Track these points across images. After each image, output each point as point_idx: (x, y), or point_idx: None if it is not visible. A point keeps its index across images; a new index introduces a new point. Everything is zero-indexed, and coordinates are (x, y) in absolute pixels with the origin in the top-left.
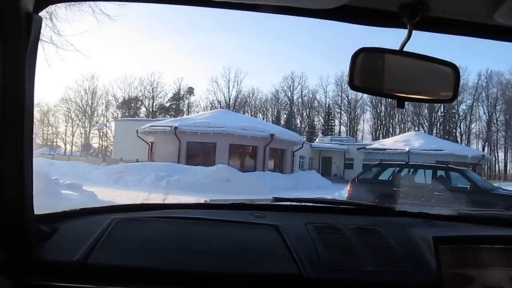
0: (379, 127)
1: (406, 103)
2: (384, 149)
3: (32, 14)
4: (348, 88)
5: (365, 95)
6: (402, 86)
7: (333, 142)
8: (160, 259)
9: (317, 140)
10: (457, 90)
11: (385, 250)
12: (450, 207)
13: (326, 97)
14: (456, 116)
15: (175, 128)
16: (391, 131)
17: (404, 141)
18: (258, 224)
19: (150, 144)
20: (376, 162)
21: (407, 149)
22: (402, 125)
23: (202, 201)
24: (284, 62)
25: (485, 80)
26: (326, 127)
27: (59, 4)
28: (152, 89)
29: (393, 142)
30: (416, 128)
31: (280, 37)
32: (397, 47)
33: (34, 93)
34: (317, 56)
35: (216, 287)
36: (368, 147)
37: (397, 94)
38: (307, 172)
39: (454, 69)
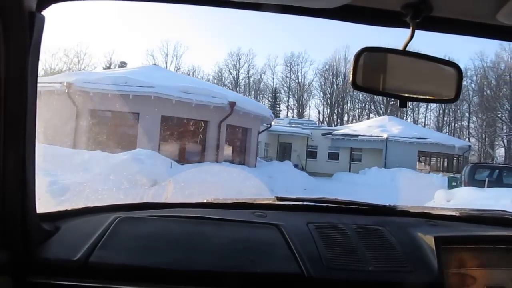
0: (328, 113)
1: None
2: (356, 136)
3: (35, 12)
4: (298, 70)
5: (314, 81)
6: (405, 86)
7: (293, 125)
8: (162, 258)
9: (273, 122)
10: (459, 90)
11: (387, 249)
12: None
13: (273, 79)
14: (410, 104)
15: (69, 85)
16: (345, 118)
17: (379, 126)
18: (260, 223)
19: None
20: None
21: (385, 136)
22: (355, 112)
23: (205, 200)
24: (230, 37)
25: None
26: (272, 111)
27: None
28: (79, 61)
29: (366, 128)
30: (371, 116)
31: (226, 9)
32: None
33: (37, 91)
34: (265, 33)
35: (218, 286)
36: (336, 132)
37: (400, 94)
38: (278, 164)
39: (457, 69)
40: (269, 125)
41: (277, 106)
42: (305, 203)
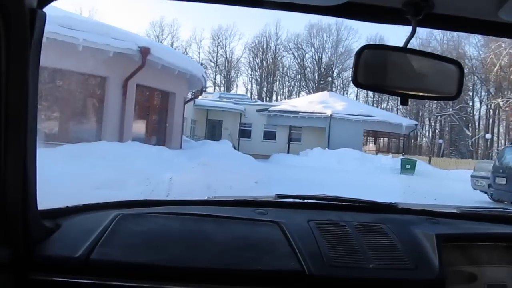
0: (258, 91)
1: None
2: (297, 112)
3: (36, 9)
4: (226, 44)
5: (243, 57)
6: (406, 83)
7: (224, 100)
8: (163, 255)
9: (200, 96)
10: (461, 88)
11: (388, 247)
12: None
13: (199, 53)
14: (339, 80)
15: None
16: (273, 97)
17: (321, 102)
18: (260, 221)
19: None
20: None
21: (329, 113)
22: (284, 90)
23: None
24: (152, 4)
25: None
26: (201, 93)
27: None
28: None
29: (307, 104)
30: (302, 94)
31: None
32: None
33: (38, 88)
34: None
35: (218, 283)
36: (273, 108)
37: (401, 91)
38: (213, 145)
39: (458, 66)
40: (203, 87)
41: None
42: (305, 200)
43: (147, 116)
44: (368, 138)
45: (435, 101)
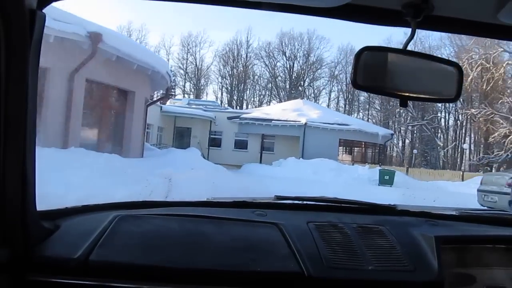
0: (228, 100)
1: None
2: (270, 120)
3: (36, 10)
4: (196, 51)
5: (213, 64)
6: (406, 85)
7: (193, 107)
8: (162, 256)
9: (168, 102)
10: (460, 90)
11: (387, 249)
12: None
13: (169, 60)
14: (310, 89)
15: None
16: (244, 106)
17: (294, 110)
18: (259, 222)
19: None
20: None
21: (303, 121)
22: (255, 99)
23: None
24: (120, 9)
25: (345, 57)
26: (165, 95)
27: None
28: None
29: (280, 111)
30: (273, 103)
31: None
32: None
33: (37, 89)
34: (161, 7)
35: (217, 285)
36: (245, 116)
37: (400, 93)
38: (179, 153)
39: (458, 68)
40: (166, 91)
41: (173, 90)
42: (305, 202)
43: (99, 118)
44: (344, 147)
45: (409, 111)
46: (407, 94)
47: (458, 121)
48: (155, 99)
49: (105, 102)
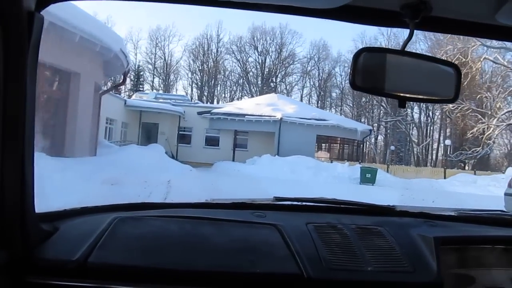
0: (198, 96)
1: None
2: (243, 115)
3: (34, 12)
4: (164, 45)
5: (183, 59)
6: (404, 86)
7: (160, 101)
8: (161, 258)
9: (134, 96)
10: (458, 90)
11: (386, 250)
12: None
13: (136, 54)
14: (282, 85)
15: None
16: (215, 102)
17: (269, 104)
18: (259, 224)
19: None
20: None
21: (278, 116)
22: (226, 95)
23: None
24: None
25: (317, 52)
26: (135, 92)
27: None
28: None
29: (254, 106)
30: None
31: None
32: None
33: (36, 91)
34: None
35: (216, 286)
36: (216, 110)
37: (399, 94)
38: (138, 151)
39: (456, 69)
40: (124, 76)
41: (141, 86)
42: (304, 203)
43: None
44: (321, 144)
45: (382, 106)
46: (406, 95)
47: (431, 118)
48: (110, 86)
49: (37, 86)
